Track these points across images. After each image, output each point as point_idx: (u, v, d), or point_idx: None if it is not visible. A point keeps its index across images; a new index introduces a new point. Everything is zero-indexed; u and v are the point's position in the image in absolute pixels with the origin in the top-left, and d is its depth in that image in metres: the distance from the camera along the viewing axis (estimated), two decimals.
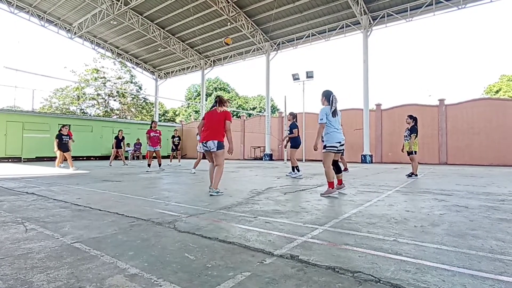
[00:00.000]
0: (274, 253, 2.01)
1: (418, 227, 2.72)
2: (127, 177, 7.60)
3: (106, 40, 24.07)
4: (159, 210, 3.41)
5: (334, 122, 4.58)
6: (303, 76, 18.42)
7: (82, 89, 31.94)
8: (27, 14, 20.32)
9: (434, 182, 6.74)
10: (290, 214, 3.25)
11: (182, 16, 19.52)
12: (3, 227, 2.64)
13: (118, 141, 13.80)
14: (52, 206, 3.64)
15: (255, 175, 8.50)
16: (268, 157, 20.56)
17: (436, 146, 16.09)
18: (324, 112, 4.56)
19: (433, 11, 15.28)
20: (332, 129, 4.57)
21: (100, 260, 1.87)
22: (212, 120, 4.73)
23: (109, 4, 18.24)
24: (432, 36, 75.70)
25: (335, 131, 4.57)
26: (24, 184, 5.92)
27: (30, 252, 2.01)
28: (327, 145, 4.56)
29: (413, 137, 7.52)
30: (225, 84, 48.65)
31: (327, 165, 4.54)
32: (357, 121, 17.65)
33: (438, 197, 4.48)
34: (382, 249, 2.10)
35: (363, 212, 3.37)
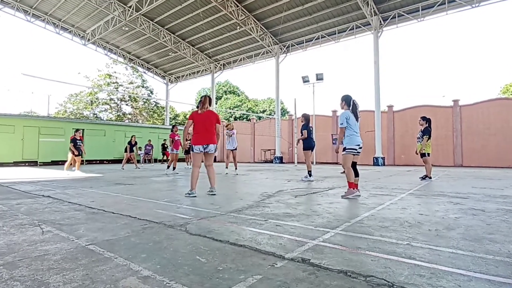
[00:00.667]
0: (285, 257, 2.00)
1: (433, 230, 2.66)
2: (139, 181, 7.70)
3: (118, 46, 24.58)
4: (171, 213, 3.44)
5: (354, 125, 4.70)
6: (313, 78, 18.37)
7: (95, 94, 32.63)
8: (43, 22, 20.96)
9: (449, 184, 6.59)
10: (301, 217, 3.23)
11: (192, 21, 19.77)
12: (21, 229, 2.71)
13: (131, 146, 14.02)
14: (67, 209, 3.72)
15: (265, 178, 8.49)
16: (278, 160, 20.52)
17: (451, 148, 15.75)
18: (345, 116, 4.67)
19: (445, 10, 15.03)
20: (352, 132, 4.68)
21: (114, 262, 1.90)
22: (206, 123, 4.74)
23: (121, 10, 18.64)
24: (445, 35, 74.38)
25: (355, 134, 4.68)
26: (41, 188, 6.07)
27: (46, 253, 2.06)
28: (347, 147, 4.66)
29: (426, 138, 7.36)
30: (234, 87, 48.91)
31: (347, 166, 4.64)
32: (369, 123, 17.45)
33: (453, 200, 4.38)
34: (395, 253, 2.07)
35: (375, 215, 3.32)
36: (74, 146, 10.19)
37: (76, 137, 10.31)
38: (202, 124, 4.72)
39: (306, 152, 7.67)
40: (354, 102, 4.79)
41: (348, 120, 4.66)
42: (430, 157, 7.52)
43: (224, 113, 41.80)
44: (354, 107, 4.76)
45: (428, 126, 7.47)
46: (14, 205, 4.01)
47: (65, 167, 10.60)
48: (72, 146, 10.22)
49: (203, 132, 4.70)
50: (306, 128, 7.66)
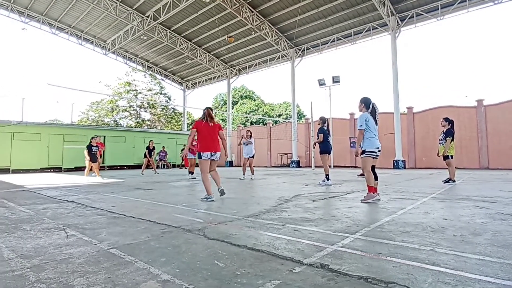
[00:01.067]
0: (303, 262, 1.97)
1: (458, 236, 2.56)
2: (158, 185, 7.85)
3: (137, 55, 25.32)
4: (189, 218, 3.49)
5: (373, 128, 4.62)
6: (329, 81, 18.20)
7: (116, 102, 33.67)
8: (67, 34, 21.95)
9: (474, 188, 6.33)
10: (319, 222, 3.18)
11: (208, 28, 20.11)
12: (47, 233, 2.82)
13: (149, 151, 14.33)
14: (90, 213, 3.84)
15: (282, 182, 8.44)
16: (295, 164, 20.39)
17: (476, 150, 15.14)
18: (364, 118, 4.60)
19: (466, 8, 14.57)
20: (371, 135, 4.60)
21: (134, 266, 1.94)
22: (211, 133, 5.04)
23: (140, 20, 19.22)
24: (466, 33, 71.97)
25: (374, 137, 4.60)
26: (65, 193, 6.30)
27: (71, 257, 2.13)
28: (366, 150, 4.58)
29: (449, 140, 7.10)
30: (250, 92, 49.15)
31: (367, 170, 4.55)
32: (388, 125, 17.06)
33: (479, 204, 4.20)
34: (418, 259, 2.00)
35: (396, 220, 3.23)
36: (88, 152, 10.51)
37: (92, 144, 10.64)
38: (209, 134, 5.00)
39: (323, 155, 7.57)
40: (374, 105, 4.71)
41: (367, 122, 4.57)
42: (453, 159, 7.26)
43: (240, 118, 42.06)
44: (373, 110, 4.68)
45: (451, 128, 7.22)
46: (40, 210, 4.18)
47: (85, 173, 10.96)
48: (86, 152, 10.55)
49: (210, 141, 4.98)
50: (322, 132, 7.58)
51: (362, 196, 4.83)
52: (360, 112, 4.81)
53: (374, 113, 4.68)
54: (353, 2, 16.07)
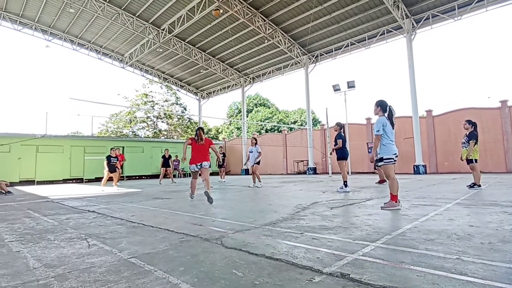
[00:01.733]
0: (323, 271, 1.93)
1: (486, 243, 2.44)
2: (175, 195, 7.94)
3: (153, 67, 26.02)
4: (206, 226, 3.50)
5: (390, 133, 4.43)
6: (344, 86, 18.05)
7: (134, 113, 34.59)
8: (87, 50, 22.87)
9: (502, 193, 6.05)
10: (338, 230, 3.12)
11: (221, 38, 20.45)
12: (69, 243, 2.89)
13: (166, 160, 14.47)
14: (110, 223, 3.92)
15: (299, 189, 8.36)
16: (312, 171, 20.17)
17: (502, 153, 14.51)
18: (381, 123, 4.40)
19: (485, 7, 14.18)
20: (388, 141, 4.41)
21: (154, 275, 1.95)
22: (200, 150, 6.26)
23: (155, 34, 19.81)
24: (485, 32, 69.81)
25: (390, 143, 4.42)
26: (86, 203, 6.47)
27: (92, 266, 2.18)
28: (384, 157, 4.40)
29: (472, 143, 6.83)
30: (265, 100, 49.33)
31: (391, 177, 4.38)
32: (407, 129, 16.67)
33: (508, 210, 4.00)
34: (443, 268, 1.92)
35: (419, 227, 3.12)
36: (108, 163, 10.77)
37: (111, 155, 10.91)
38: (198, 150, 6.25)
39: (341, 162, 7.46)
40: (390, 108, 4.51)
41: (385, 128, 4.38)
42: (477, 163, 6.97)
43: (255, 125, 42.21)
44: (390, 113, 4.48)
45: (474, 130, 6.95)
46: (63, 220, 4.30)
47: (102, 183, 11.16)
48: (105, 163, 10.82)
49: (197, 156, 6.22)
50: (341, 137, 7.48)
51: (382, 203, 4.70)
52: (376, 115, 4.63)
53: (391, 116, 4.48)
54: (366, 6, 15.97)
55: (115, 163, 10.99)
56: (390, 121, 4.47)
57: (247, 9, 16.93)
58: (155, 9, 18.05)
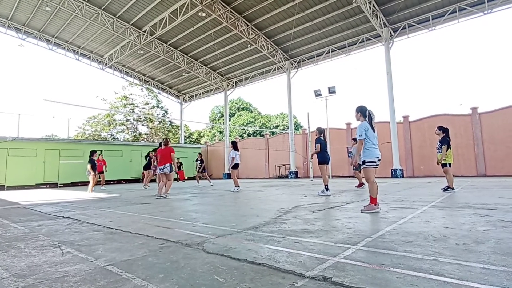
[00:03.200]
0: (305, 275, 1.93)
1: (460, 245, 2.53)
2: (155, 200, 7.76)
3: (134, 69, 25.49)
4: (187, 232, 3.43)
5: (372, 137, 4.54)
6: (325, 91, 18.37)
7: (113, 116, 33.68)
8: (64, 50, 22.10)
9: (474, 195, 6.31)
10: (320, 233, 3.14)
11: (204, 41, 20.34)
12: (41, 251, 2.75)
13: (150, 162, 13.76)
14: (86, 230, 3.77)
15: (281, 193, 8.39)
16: (293, 175, 20.32)
17: (472, 157, 15.20)
18: (363, 127, 4.51)
19: (457, 19, 14.89)
20: (371, 144, 4.51)
21: (132, 283, 1.88)
22: (163, 154, 8.13)
23: (136, 35, 19.44)
24: (459, 42, 73.36)
25: (373, 146, 4.52)
26: (61, 209, 6.20)
27: (66, 275, 2.07)
28: (366, 160, 4.49)
29: (445, 148, 7.14)
30: (247, 104, 49.44)
31: (371, 181, 4.46)
32: (385, 134, 17.13)
33: (479, 211, 4.17)
34: (421, 269, 1.96)
35: (397, 229, 3.20)
36: (92, 167, 10.44)
37: (93, 158, 10.64)
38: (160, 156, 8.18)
39: (322, 166, 7.55)
40: (370, 113, 4.64)
41: (367, 132, 4.49)
42: (451, 167, 7.26)
43: (237, 130, 42.15)
44: (369, 117, 4.61)
45: (445, 136, 7.27)
46: (35, 226, 4.09)
47: (89, 189, 10.74)
48: (90, 167, 10.47)
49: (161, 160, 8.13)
50: (319, 142, 7.55)
51: (362, 206, 4.79)
52: (358, 121, 4.75)
53: (371, 120, 4.60)
54: (346, 14, 16.39)
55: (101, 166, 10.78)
56: (370, 125, 4.57)
57: (230, 13, 16.96)
58: (136, 10, 17.73)
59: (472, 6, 14.35)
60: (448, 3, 14.70)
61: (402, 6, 15.21)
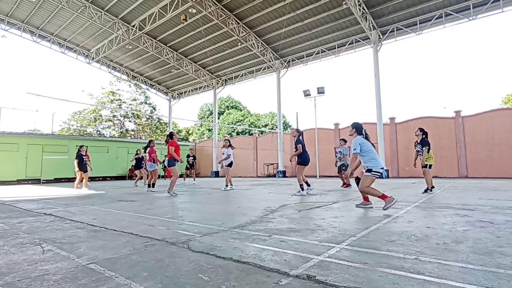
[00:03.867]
0: (290, 273, 1.95)
1: (441, 244, 2.60)
2: (141, 197, 7.66)
3: (122, 64, 25.03)
4: (173, 230, 3.40)
5: (371, 151, 4.65)
6: (314, 92, 18.52)
7: (99, 112, 33.01)
8: (49, 42, 21.48)
9: (455, 196, 6.49)
10: (305, 232, 3.17)
11: (194, 38, 20.17)
12: (21, 249, 2.68)
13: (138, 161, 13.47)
14: (69, 227, 3.69)
15: (268, 192, 8.42)
16: (281, 174, 20.42)
17: (455, 159, 15.63)
18: (358, 142, 4.63)
19: (443, 24, 15.26)
20: (373, 155, 4.62)
21: (115, 282, 1.86)
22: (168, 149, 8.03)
23: (125, 30, 19.09)
24: (445, 47, 75.17)
25: (376, 157, 4.64)
26: (43, 206, 6.05)
27: (46, 273, 2.02)
28: (373, 169, 4.54)
29: (425, 150, 7.20)
30: (236, 102, 49.31)
31: (366, 187, 4.55)
32: (371, 135, 17.25)
33: (460, 212, 4.30)
34: (403, 268, 2.01)
35: (381, 229, 3.26)
36: (79, 162, 10.13)
37: (82, 153, 10.28)
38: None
39: (301, 166, 7.43)
40: (365, 131, 4.81)
41: (363, 146, 4.61)
42: (431, 168, 7.30)
43: (226, 128, 42.00)
44: (366, 134, 4.78)
45: (425, 137, 7.34)
46: (15, 223, 3.98)
47: (75, 185, 10.45)
48: (76, 162, 10.16)
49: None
50: (300, 142, 7.48)
51: (346, 205, 4.85)
52: (351, 136, 4.87)
53: (367, 137, 4.75)
54: (336, 16, 16.55)
55: (86, 161, 10.34)
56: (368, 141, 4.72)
57: (221, 11, 16.87)
58: (125, 4, 17.41)
59: (457, 12, 14.73)
60: (435, 8, 15.04)
61: (391, 10, 15.47)
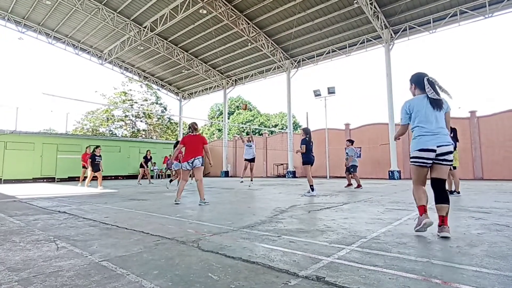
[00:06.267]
0: (299, 274, 1.94)
1: (454, 247, 2.54)
2: (152, 196, 7.76)
3: (133, 65, 25.41)
4: (183, 229, 3.43)
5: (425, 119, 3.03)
6: (325, 92, 18.38)
7: (111, 111, 33.59)
8: (63, 44, 22.01)
9: (470, 198, 6.34)
10: (315, 233, 3.15)
11: (204, 39, 20.31)
12: (36, 245, 2.75)
13: (146, 160, 14.19)
14: (82, 225, 3.77)
15: (278, 192, 8.40)
16: (291, 174, 20.35)
17: (470, 161, 15.26)
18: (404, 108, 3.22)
19: (457, 22, 14.93)
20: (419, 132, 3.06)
21: (126, 279, 1.89)
22: (192, 143, 5.81)
23: (137, 31, 19.39)
24: (459, 45, 73.49)
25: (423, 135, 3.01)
26: (57, 203, 6.19)
27: (60, 270, 2.07)
28: (410, 154, 3.18)
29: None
30: (246, 102, 49.40)
31: (413, 184, 3.23)
32: (383, 135, 17.20)
33: (474, 215, 4.20)
34: (414, 271, 1.98)
35: (392, 231, 3.21)
36: (91, 162, 10.41)
37: (96, 154, 10.55)
38: (188, 146, 5.81)
39: (306, 166, 7.57)
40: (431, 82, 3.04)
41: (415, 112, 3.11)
42: (457, 170, 6.86)
43: (236, 128, 42.14)
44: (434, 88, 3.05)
45: (453, 136, 6.73)
46: (31, 221, 4.09)
47: (86, 183, 10.78)
48: (89, 162, 10.44)
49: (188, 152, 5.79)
50: (305, 143, 7.58)
51: (358, 206, 4.79)
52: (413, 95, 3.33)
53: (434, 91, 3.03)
54: (347, 15, 16.39)
55: (99, 162, 10.62)
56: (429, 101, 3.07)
57: (231, 11, 16.93)
58: (137, 6, 17.67)
59: (473, 10, 14.39)
60: (450, 6, 14.73)
61: (404, 8, 15.22)
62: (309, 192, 7.33)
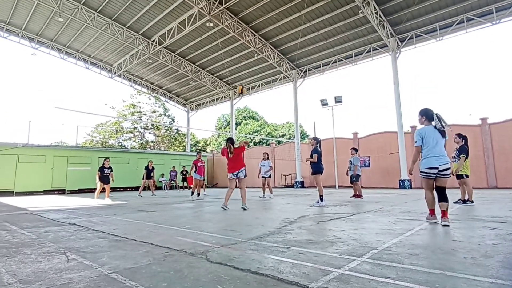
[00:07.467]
0: (309, 286, 1.91)
1: (469, 258, 2.47)
2: (160, 207, 7.78)
3: (142, 77, 25.91)
4: (192, 240, 3.42)
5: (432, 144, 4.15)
6: (332, 101, 18.37)
7: (120, 124, 34.12)
8: (74, 59, 22.62)
9: (484, 208, 6.19)
10: (324, 244, 3.11)
11: (211, 51, 20.64)
12: (47, 257, 2.77)
13: (149, 171, 14.16)
14: (92, 237, 3.79)
15: (286, 203, 8.34)
16: (299, 185, 20.20)
17: (483, 169, 14.93)
18: (418, 134, 4.27)
19: (465, 29, 14.87)
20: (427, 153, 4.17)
21: None
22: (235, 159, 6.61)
23: (145, 45, 19.84)
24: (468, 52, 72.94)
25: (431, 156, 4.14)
26: (67, 215, 6.26)
27: (70, 282, 2.08)
28: (420, 169, 4.29)
29: (463, 158, 6.58)
30: (253, 113, 49.63)
31: (424, 190, 4.38)
32: (392, 144, 17.02)
33: (489, 224, 4.09)
34: (428, 282, 1.92)
35: (404, 242, 3.15)
36: (100, 174, 10.49)
37: (105, 166, 10.64)
38: (232, 161, 6.64)
39: (316, 176, 7.45)
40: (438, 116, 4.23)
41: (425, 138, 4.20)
42: (468, 178, 6.74)
43: (243, 138, 42.27)
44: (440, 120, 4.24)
45: (464, 144, 6.76)
46: (42, 233, 4.13)
47: (95, 195, 10.86)
48: (98, 174, 10.52)
49: (232, 165, 6.64)
50: (317, 152, 7.48)
51: (368, 216, 4.73)
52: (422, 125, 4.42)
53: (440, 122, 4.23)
54: (352, 24, 16.49)
55: (108, 174, 10.68)
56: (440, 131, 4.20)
57: (237, 24, 17.21)
58: (145, 20, 18.13)
59: (480, 17, 14.33)
60: (456, 14, 14.71)
61: (409, 16, 15.26)
62: (318, 203, 7.22)
